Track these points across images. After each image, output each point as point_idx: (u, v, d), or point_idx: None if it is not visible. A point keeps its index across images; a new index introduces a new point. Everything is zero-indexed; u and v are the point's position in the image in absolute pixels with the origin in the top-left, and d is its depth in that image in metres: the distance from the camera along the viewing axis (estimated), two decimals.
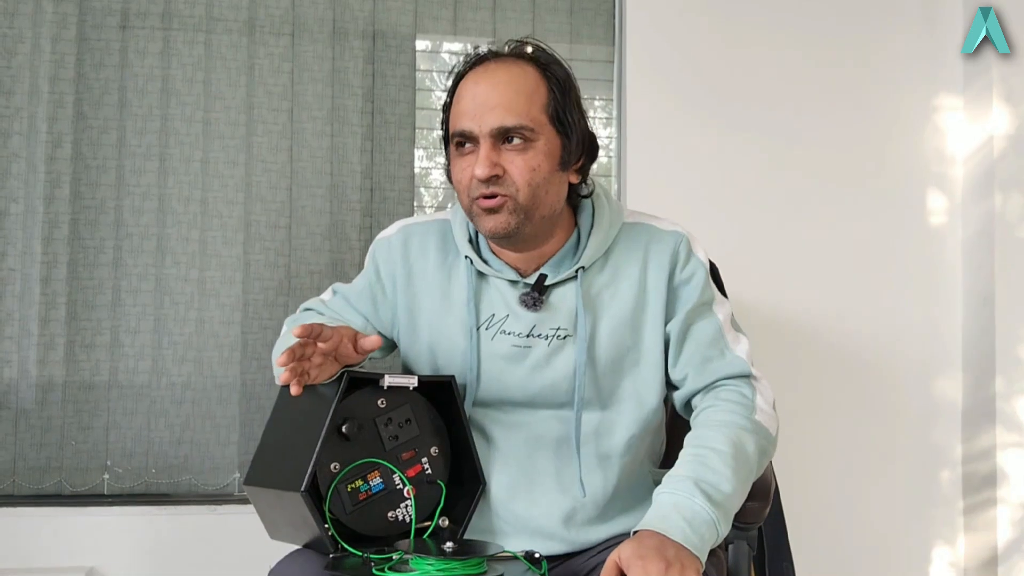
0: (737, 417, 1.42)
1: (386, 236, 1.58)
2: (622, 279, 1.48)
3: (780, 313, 2.43)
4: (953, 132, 2.51)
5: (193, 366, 2.29)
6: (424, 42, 2.46)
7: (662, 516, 1.28)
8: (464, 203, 1.45)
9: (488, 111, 1.39)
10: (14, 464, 2.22)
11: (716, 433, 1.39)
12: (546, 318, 1.47)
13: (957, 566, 2.46)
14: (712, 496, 1.31)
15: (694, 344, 1.47)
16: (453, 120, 1.44)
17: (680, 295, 1.48)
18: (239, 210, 2.32)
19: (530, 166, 1.40)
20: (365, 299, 1.57)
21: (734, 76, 2.44)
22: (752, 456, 1.39)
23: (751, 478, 1.40)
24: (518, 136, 1.40)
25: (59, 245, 2.26)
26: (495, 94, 1.40)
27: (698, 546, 1.25)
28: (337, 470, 1.36)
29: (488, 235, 1.44)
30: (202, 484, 2.28)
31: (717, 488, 1.32)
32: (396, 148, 2.39)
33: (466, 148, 1.42)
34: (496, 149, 1.40)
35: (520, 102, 1.40)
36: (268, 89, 2.34)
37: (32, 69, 2.27)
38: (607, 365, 1.47)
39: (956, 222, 2.50)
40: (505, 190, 1.40)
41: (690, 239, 1.51)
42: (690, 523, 1.27)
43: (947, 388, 2.48)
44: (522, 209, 1.41)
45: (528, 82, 1.42)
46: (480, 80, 1.42)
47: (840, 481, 2.44)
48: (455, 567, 1.25)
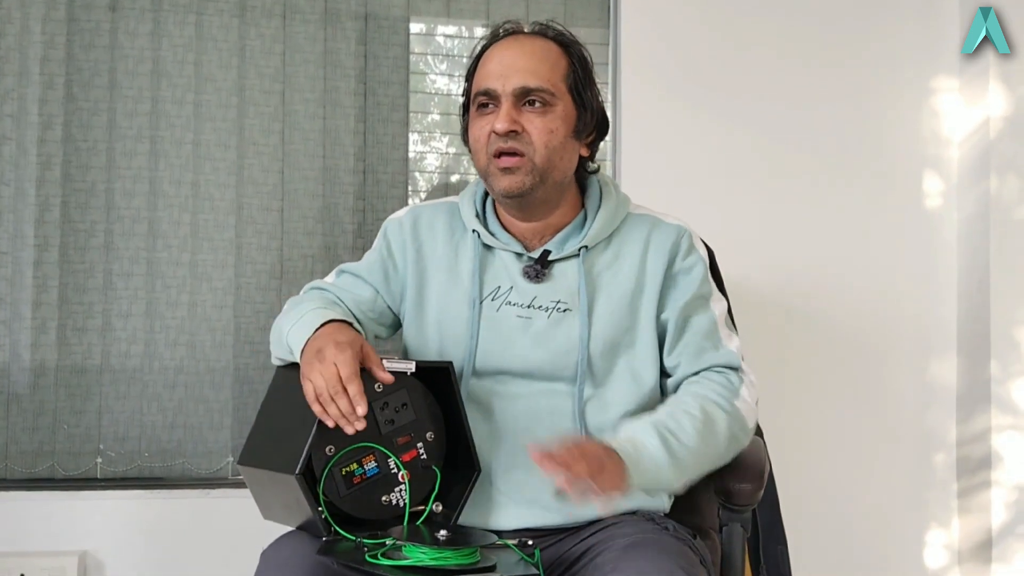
0: (717, 396, 1.48)
1: (397, 216, 1.64)
2: (623, 262, 1.54)
3: (775, 295, 2.42)
4: (949, 114, 2.50)
5: (186, 350, 2.28)
6: (418, 25, 2.43)
7: (613, 439, 1.37)
8: (481, 162, 1.52)
9: (514, 72, 1.47)
10: (6, 448, 2.21)
11: (692, 400, 1.46)
12: (547, 290, 1.52)
13: (951, 548, 2.47)
14: (668, 441, 1.38)
15: (690, 334, 1.53)
16: (477, 81, 1.52)
17: (678, 283, 1.54)
18: (231, 193, 2.31)
19: (548, 128, 1.47)
20: (376, 273, 1.61)
21: (729, 59, 2.43)
22: (721, 435, 1.45)
23: (715, 454, 1.45)
24: (538, 99, 1.47)
25: (50, 228, 2.24)
26: (521, 59, 1.49)
27: (632, 472, 1.33)
28: (332, 453, 1.36)
29: (503, 194, 1.50)
30: (195, 468, 2.28)
31: (676, 437, 1.39)
32: (389, 130, 2.38)
33: (488, 109, 1.50)
34: (517, 108, 1.47)
35: (544, 68, 1.49)
36: (260, 71, 2.33)
37: (21, 50, 2.25)
38: (603, 343, 1.50)
39: (952, 204, 2.49)
40: (523, 147, 1.47)
41: (692, 234, 1.58)
42: (636, 448, 1.36)
43: (942, 371, 2.48)
44: (538, 171, 1.48)
45: (552, 53, 1.51)
46: (507, 47, 1.51)
47: (834, 464, 2.44)
48: (448, 555, 1.25)
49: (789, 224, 2.45)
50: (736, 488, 1.52)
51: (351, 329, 1.43)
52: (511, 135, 1.46)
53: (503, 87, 1.47)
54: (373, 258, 1.62)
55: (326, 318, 1.43)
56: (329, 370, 1.32)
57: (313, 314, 1.44)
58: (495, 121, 1.47)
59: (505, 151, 1.47)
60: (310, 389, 1.33)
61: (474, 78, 1.54)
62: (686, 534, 1.46)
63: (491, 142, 1.48)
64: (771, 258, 2.43)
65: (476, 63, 1.54)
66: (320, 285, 1.63)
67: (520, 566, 1.32)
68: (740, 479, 1.53)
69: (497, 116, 1.47)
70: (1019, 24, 2.37)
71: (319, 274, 2.26)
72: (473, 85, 1.53)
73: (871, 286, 2.47)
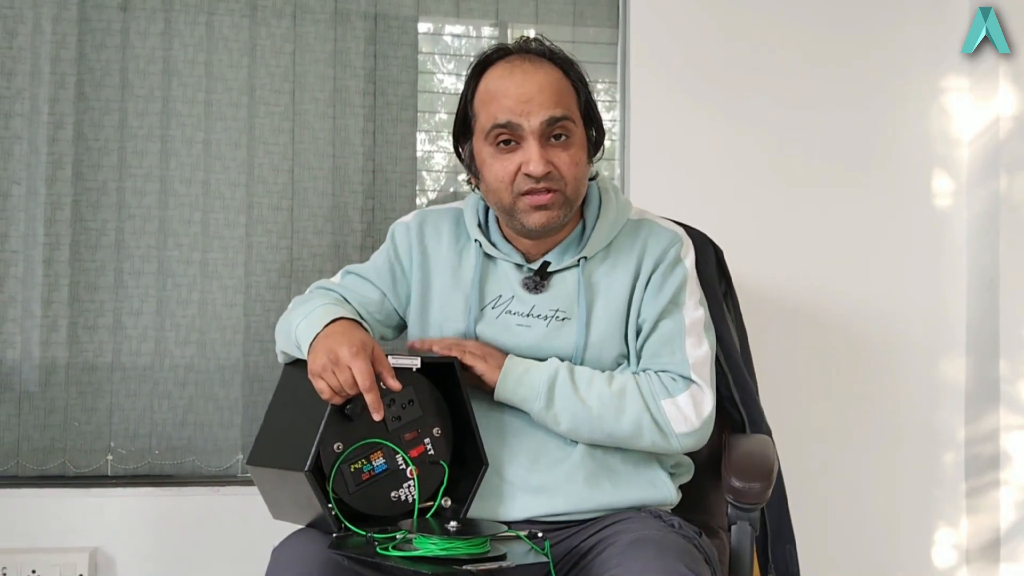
0: (645, 387, 1.50)
1: (404, 221, 1.65)
2: (619, 270, 1.55)
3: (784, 294, 2.42)
4: (959, 113, 2.49)
5: (196, 348, 2.29)
6: (426, 24, 2.44)
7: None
8: (505, 200, 1.50)
9: (536, 108, 1.45)
10: (18, 445, 2.22)
11: (619, 375, 1.51)
12: (546, 300, 1.53)
13: (959, 548, 2.46)
14: (558, 379, 1.47)
15: (654, 337, 1.54)
16: (490, 114, 1.48)
17: (657, 289, 1.55)
18: (241, 192, 2.31)
19: (575, 161, 1.49)
20: (384, 275, 1.62)
21: (738, 58, 2.43)
22: (626, 414, 1.48)
23: (608, 427, 1.48)
24: (563, 131, 1.47)
25: (61, 227, 2.25)
26: (540, 94, 1.46)
27: (506, 376, 1.47)
28: (340, 450, 1.37)
29: (535, 229, 1.50)
30: (205, 465, 2.28)
31: (572, 383, 1.47)
32: (398, 130, 2.38)
33: (510, 145, 1.47)
34: (543, 146, 1.46)
35: (562, 97, 1.48)
36: (270, 70, 2.33)
37: (33, 50, 2.26)
38: (599, 350, 1.53)
39: (961, 204, 2.49)
40: (556, 185, 1.47)
41: (684, 245, 1.59)
42: (526, 367, 1.48)
43: (951, 370, 2.48)
44: (569, 203, 1.50)
45: (559, 80, 1.50)
46: (518, 76, 1.48)
47: (843, 463, 2.44)
48: (458, 546, 1.25)
49: (798, 223, 2.44)
50: (745, 487, 1.53)
51: (362, 329, 1.44)
52: (545, 176, 1.46)
53: (528, 123, 1.45)
54: (381, 260, 1.63)
55: (336, 315, 1.43)
56: (345, 375, 1.32)
57: (323, 310, 1.45)
58: (525, 162, 1.45)
59: (538, 190, 1.47)
60: (325, 388, 1.34)
61: (477, 105, 1.51)
62: (692, 532, 1.46)
63: (519, 181, 1.47)
64: (780, 257, 2.43)
65: (475, 87, 1.52)
66: (326, 285, 1.64)
67: (530, 556, 1.32)
68: (749, 478, 1.53)
69: (524, 155, 1.46)
70: (1019, 24, 2.37)
71: (328, 272, 2.27)
72: (482, 116, 1.50)
73: (880, 285, 2.47)
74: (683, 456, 1.63)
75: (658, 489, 1.53)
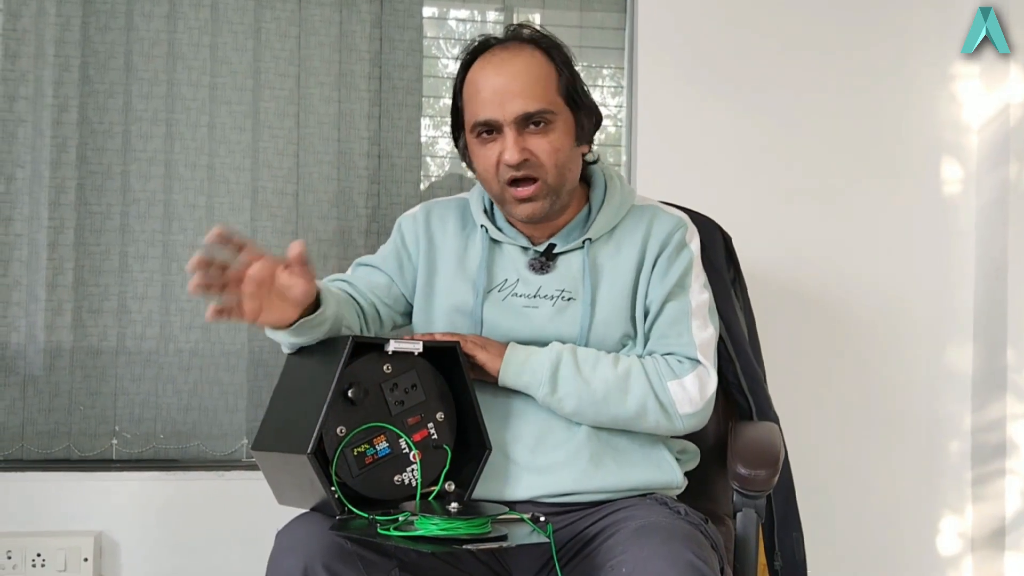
0: (651, 369, 1.51)
1: (411, 213, 1.69)
2: (624, 252, 1.57)
3: (791, 282, 2.41)
4: (968, 101, 2.47)
5: (201, 332, 2.29)
6: (431, 8, 2.42)
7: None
8: (494, 190, 1.55)
9: (510, 99, 1.48)
10: (23, 429, 2.23)
11: (624, 358, 1.51)
12: (552, 280, 1.56)
13: (965, 536, 2.46)
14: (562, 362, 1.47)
15: (660, 320, 1.55)
16: (471, 110, 1.52)
17: (663, 272, 1.56)
18: (246, 176, 2.31)
19: (554, 147, 1.50)
20: (391, 262, 1.65)
21: (746, 45, 2.41)
22: (632, 396, 1.49)
23: (614, 411, 1.48)
24: (540, 120, 1.49)
25: (66, 210, 2.25)
26: (514, 83, 1.49)
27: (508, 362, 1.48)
28: (343, 434, 1.37)
29: (524, 221, 1.55)
30: (210, 450, 2.29)
31: (575, 366, 1.47)
32: (404, 114, 2.37)
33: (491, 136, 1.51)
34: (521, 134, 1.48)
35: (538, 88, 1.49)
36: (275, 54, 2.32)
37: (37, 32, 2.25)
38: (604, 330, 1.54)
39: (970, 191, 2.47)
40: (535, 172, 1.49)
41: (689, 229, 1.61)
42: (528, 353, 1.49)
43: (958, 358, 2.47)
44: (552, 191, 1.51)
45: (539, 66, 1.51)
46: (492, 69, 1.51)
47: (848, 450, 2.44)
48: (460, 526, 1.26)
49: (806, 211, 2.43)
50: (751, 474, 1.53)
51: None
52: (523, 164, 1.48)
53: (503, 116, 1.48)
54: (388, 250, 1.67)
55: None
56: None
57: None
58: (502, 152, 1.49)
59: (519, 179, 1.50)
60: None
61: (464, 99, 1.55)
62: (698, 518, 1.46)
63: (501, 171, 1.50)
64: (787, 245, 2.42)
65: (462, 80, 1.55)
66: (338, 278, 1.67)
67: (532, 536, 1.33)
68: (755, 465, 1.54)
69: (502, 144, 1.49)
70: (1019, 24, 2.35)
71: (333, 258, 2.28)
72: (467, 111, 1.54)
73: (888, 273, 2.46)
74: (689, 442, 1.64)
75: (663, 472, 1.53)
